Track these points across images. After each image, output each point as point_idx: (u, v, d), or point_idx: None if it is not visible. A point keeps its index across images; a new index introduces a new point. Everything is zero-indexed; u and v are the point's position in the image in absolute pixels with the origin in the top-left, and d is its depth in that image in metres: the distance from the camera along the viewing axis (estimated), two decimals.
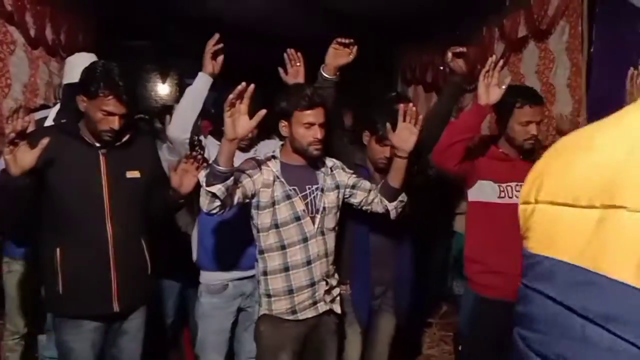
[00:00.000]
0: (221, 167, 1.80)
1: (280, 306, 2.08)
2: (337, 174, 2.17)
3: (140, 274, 2.12)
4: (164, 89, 7.17)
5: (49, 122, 2.40)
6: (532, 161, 1.02)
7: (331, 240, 2.15)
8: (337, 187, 2.16)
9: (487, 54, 3.30)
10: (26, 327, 2.70)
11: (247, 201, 2.03)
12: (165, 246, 2.32)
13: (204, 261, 2.38)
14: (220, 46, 2.23)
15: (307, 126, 2.03)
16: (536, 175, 0.78)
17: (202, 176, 1.89)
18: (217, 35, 2.23)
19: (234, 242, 2.32)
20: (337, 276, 2.21)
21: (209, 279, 2.38)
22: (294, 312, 2.09)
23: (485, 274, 2.25)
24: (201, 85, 2.24)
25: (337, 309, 2.20)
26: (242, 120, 1.82)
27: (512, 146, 2.28)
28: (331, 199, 2.13)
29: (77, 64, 2.33)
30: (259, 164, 2.06)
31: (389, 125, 2.10)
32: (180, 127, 2.23)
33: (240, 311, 2.42)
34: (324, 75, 2.30)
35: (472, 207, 2.36)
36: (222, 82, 2.15)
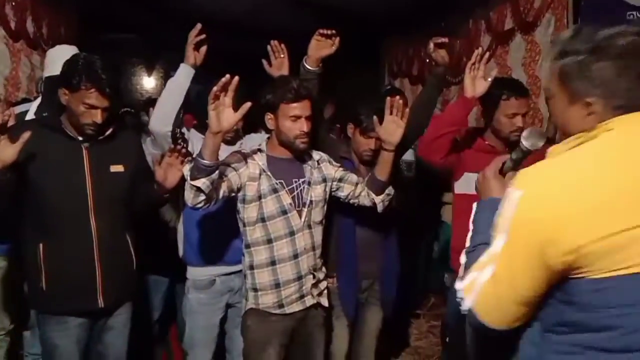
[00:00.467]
0: (206, 161, 1.78)
1: (267, 300, 2.07)
2: (324, 167, 2.16)
3: (125, 270, 2.10)
4: (149, 82, 7.12)
5: (30, 116, 2.36)
6: None
7: (318, 233, 2.14)
8: (324, 180, 2.15)
9: (473, 47, 3.30)
10: (12, 324, 2.67)
11: (232, 195, 2.01)
12: (152, 241, 2.30)
13: (190, 256, 2.35)
14: (202, 37, 2.19)
15: (294, 119, 2.01)
16: None
17: (186, 170, 1.87)
18: (199, 25, 2.18)
19: (220, 237, 2.30)
20: (324, 269, 2.21)
21: (196, 274, 2.36)
22: (281, 306, 2.08)
23: None
24: (183, 76, 2.20)
25: (324, 302, 2.20)
26: (226, 113, 1.79)
27: (498, 138, 2.28)
28: (318, 193, 2.12)
29: (58, 56, 2.28)
30: (245, 157, 2.04)
31: (375, 118, 2.09)
32: (162, 120, 2.19)
33: (229, 307, 2.40)
34: (307, 66, 2.27)
35: (458, 199, 2.36)
36: (206, 75, 2.12)
